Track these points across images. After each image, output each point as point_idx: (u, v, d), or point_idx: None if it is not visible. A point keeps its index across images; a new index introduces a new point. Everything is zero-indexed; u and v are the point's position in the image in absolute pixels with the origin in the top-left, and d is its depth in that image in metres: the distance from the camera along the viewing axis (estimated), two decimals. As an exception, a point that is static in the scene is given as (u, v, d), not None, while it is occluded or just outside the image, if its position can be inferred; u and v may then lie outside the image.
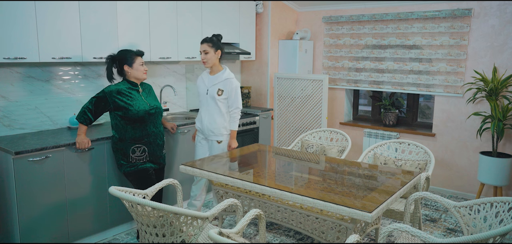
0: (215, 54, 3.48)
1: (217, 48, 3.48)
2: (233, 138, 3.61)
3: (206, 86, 3.56)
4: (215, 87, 3.50)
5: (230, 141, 3.61)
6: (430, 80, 4.72)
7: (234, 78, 3.56)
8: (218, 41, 3.53)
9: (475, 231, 2.42)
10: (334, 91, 5.55)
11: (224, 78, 3.52)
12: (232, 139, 3.61)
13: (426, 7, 4.65)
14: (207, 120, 3.54)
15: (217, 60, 3.52)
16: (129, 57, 3.18)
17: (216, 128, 3.54)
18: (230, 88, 3.51)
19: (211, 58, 3.46)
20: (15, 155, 2.80)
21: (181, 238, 2.20)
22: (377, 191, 2.59)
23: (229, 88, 3.51)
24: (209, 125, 3.54)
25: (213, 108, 3.52)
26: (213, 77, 3.54)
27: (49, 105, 3.57)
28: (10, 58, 2.97)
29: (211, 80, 3.54)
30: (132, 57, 3.19)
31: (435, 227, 3.83)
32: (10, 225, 2.97)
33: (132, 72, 3.20)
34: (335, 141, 4.04)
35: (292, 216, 2.84)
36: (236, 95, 3.53)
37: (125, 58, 3.18)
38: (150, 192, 2.60)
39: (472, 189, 4.58)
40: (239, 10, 4.95)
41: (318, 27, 5.58)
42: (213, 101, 3.51)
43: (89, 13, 3.40)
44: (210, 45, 3.45)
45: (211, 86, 3.52)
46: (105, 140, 3.32)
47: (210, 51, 3.45)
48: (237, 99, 3.54)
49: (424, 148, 3.51)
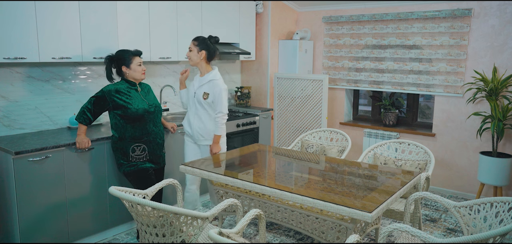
0: (198, 54, 3.33)
1: (201, 48, 3.33)
2: (215, 142, 3.41)
3: (194, 88, 3.45)
4: (201, 90, 3.38)
5: (212, 146, 3.42)
6: (430, 80, 4.72)
7: (220, 80, 3.37)
8: (206, 42, 3.37)
9: (475, 231, 2.42)
10: (334, 91, 5.55)
11: (209, 79, 3.36)
12: (214, 143, 3.41)
13: (426, 7, 4.65)
14: (196, 125, 3.43)
15: (202, 61, 3.36)
16: (127, 57, 3.18)
17: (207, 133, 3.43)
18: (214, 91, 3.35)
19: (192, 56, 3.34)
20: (15, 155, 2.80)
21: (181, 238, 2.20)
22: (377, 191, 2.59)
23: (213, 90, 3.35)
24: (199, 130, 3.43)
25: (201, 112, 3.40)
26: (201, 79, 3.42)
27: (49, 105, 3.57)
28: (10, 58, 2.97)
29: (198, 82, 3.43)
30: (130, 57, 3.18)
31: (435, 227, 3.83)
32: (10, 225, 2.97)
33: (130, 72, 3.20)
34: (335, 141, 4.04)
35: (292, 216, 2.84)
36: (220, 99, 3.33)
37: (123, 59, 3.18)
38: (150, 192, 2.60)
39: (472, 189, 4.58)
40: (239, 10, 4.95)
41: (318, 27, 5.58)
42: (200, 104, 3.39)
43: (89, 13, 3.40)
44: (195, 43, 3.34)
45: (198, 87, 3.41)
46: (105, 140, 3.32)
47: (194, 50, 3.33)
48: (221, 103, 3.34)
49: (424, 148, 3.51)
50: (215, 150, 3.42)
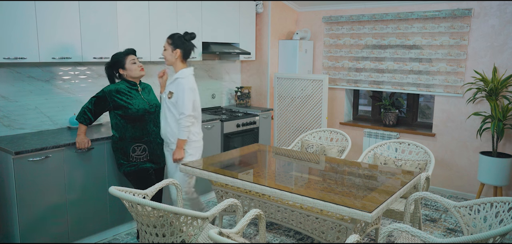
0: (172, 53, 3.14)
1: (175, 47, 3.13)
2: (178, 147, 3.12)
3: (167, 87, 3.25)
4: (167, 89, 3.19)
5: (175, 151, 3.15)
6: (430, 80, 4.72)
7: (186, 78, 3.10)
8: (181, 40, 3.16)
9: (475, 231, 2.42)
10: (334, 91, 5.55)
11: (175, 77, 3.13)
12: (177, 149, 3.12)
13: (426, 7, 4.65)
14: (163, 127, 3.22)
15: (176, 60, 3.15)
16: (120, 59, 3.19)
17: (174, 137, 3.16)
18: (177, 89, 3.09)
19: (167, 56, 3.16)
20: (15, 155, 2.80)
21: (181, 238, 2.20)
22: (377, 191, 2.59)
23: (177, 89, 3.10)
24: (166, 133, 3.21)
25: (167, 113, 3.17)
26: (171, 78, 3.24)
27: (49, 105, 3.57)
28: (10, 58, 2.97)
29: (169, 81, 3.25)
30: (123, 58, 3.18)
31: (435, 227, 3.83)
32: (10, 225, 2.97)
33: (127, 72, 3.20)
34: (335, 141, 4.04)
35: (292, 216, 2.84)
36: (183, 99, 3.06)
37: (117, 62, 3.19)
38: (150, 192, 2.59)
39: (472, 189, 4.58)
40: (239, 10, 4.96)
41: (318, 27, 5.58)
42: (166, 105, 3.17)
43: (89, 13, 3.40)
44: (169, 42, 3.16)
45: (166, 87, 3.23)
46: (105, 140, 3.32)
47: (168, 49, 3.15)
48: (183, 103, 3.05)
49: (424, 148, 3.51)
50: (177, 156, 3.13)
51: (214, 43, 4.68)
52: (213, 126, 4.35)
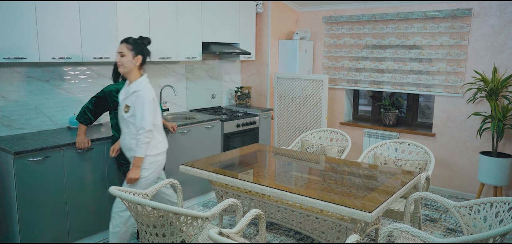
0: (133, 60, 2.80)
1: (137, 53, 2.82)
2: (135, 166, 2.77)
3: (120, 98, 2.92)
4: (124, 103, 2.86)
5: (131, 169, 2.79)
6: (430, 80, 4.72)
7: (143, 89, 2.77)
8: (142, 45, 2.87)
9: (475, 231, 2.42)
10: (334, 91, 5.55)
11: (133, 90, 2.79)
12: (134, 167, 2.77)
13: (426, 7, 4.65)
14: (122, 142, 2.94)
15: (135, 67, 2.83)
16: None
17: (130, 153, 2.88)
18: (135, 103, 2.76)
19: (127, 63, 2.79)
20: (15, 155, 2.80)
21: (181, 238, 2.20)
22: (377, 191, 2.59)
23: (135, 103, 2.76)
24: (123, 147, 2.95)
25: (125, 129, 2.88)
26: (127, 89, 2.87)
27: (49, 105, 3.57)
28: (10, 58, 2.97)
29: (125, 93, 2.89)
30: None
31: (435, 227, 3.83)
32: (10, 225, 2.97)
33: None
34: (335, 141, 4.04)
35: (292, 216, 2.84)
36: (142, 112, 2.73)
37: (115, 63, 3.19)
38: (150, 192, 2.59)
39: (472, 189, 4.58)
40: (239, 10, 4.96)
41: (318, 27, 5.58)
42: (122, 119, 2.87)
43: (89, 13, 3.40)
44: (129, 47, 2.80)
45: (123, 99, 2.88)
46: (105, 140, 3.32)
47: (128, 55, 2.79)
48: (143, 117, 2.72)
49: (424, 148, 3.51)
50: (132, 175, 2.76)
51: (214, 43, 4.68)
52: (213, 126, 4.35)
